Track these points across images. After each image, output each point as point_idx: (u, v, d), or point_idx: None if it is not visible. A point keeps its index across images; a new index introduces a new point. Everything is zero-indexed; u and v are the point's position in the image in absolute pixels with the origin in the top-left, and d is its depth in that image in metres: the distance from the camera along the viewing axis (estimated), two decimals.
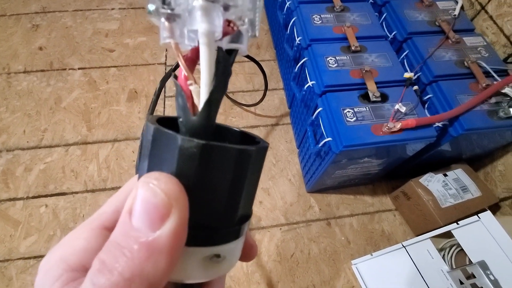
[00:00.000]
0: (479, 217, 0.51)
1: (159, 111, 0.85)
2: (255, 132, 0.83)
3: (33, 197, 0.69)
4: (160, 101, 0.87)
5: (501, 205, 0.67)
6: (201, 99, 0.12)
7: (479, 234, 0.51)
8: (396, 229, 0.70)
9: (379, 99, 0.53)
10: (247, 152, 0.11)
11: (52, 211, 0.69)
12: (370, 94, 0.53)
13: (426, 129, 0.51)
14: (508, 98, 0.56)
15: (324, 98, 0.54)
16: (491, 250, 0.50)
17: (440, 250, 0.66)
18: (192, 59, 0.13)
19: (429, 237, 0.56)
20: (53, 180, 0.72)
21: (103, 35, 0.98)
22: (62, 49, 0.95)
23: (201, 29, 0.11)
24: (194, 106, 0.12)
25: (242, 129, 0.16)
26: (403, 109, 0.50)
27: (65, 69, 0.90)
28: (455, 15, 0.68)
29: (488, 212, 0.51)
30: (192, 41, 0.12)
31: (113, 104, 0.84)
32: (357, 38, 0.62)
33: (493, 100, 0.57)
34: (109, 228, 0.12)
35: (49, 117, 0.81)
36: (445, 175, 0.65)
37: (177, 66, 0.37)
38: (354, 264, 0.64)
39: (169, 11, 0.11)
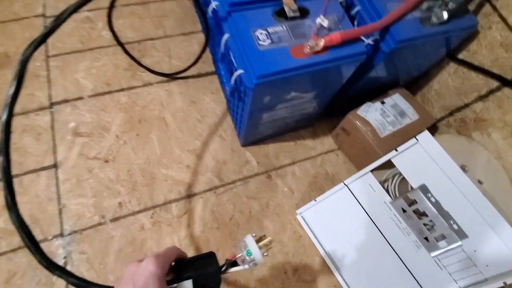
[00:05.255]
0: (417, 139, 0.47)
1: (41, 76, 0.65)
2: (172, 85, 0.69)
3: None
4: (42, 63, 0.67)
5: (439, 125, 0.65)
6: None
7: (418, 158, 0.47)
8: (340, 168, 0.65)
9: (298, 14, 0.42)
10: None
11: None
12: (287, 9, 0.42)
13: (355, 45, 0.43)
14: (440, 1, 0.49)
15: (230, 21, 0.42)
16: (431, 172, 0.46)
17: (383, 182, 0.63)
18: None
19: (370, 171, 0.51)
20: None
21: None
22: None
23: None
24: None
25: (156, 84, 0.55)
26: (325, 23, 0.40)
27: None
28: None
29: (426, 132, 0.46)
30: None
31: None
32: None
33: (424, 5, 0.49)
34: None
35: None
36: (383, 102, 0.60)
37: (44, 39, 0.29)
38: (299, 214, 0.59)
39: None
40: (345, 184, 0.54)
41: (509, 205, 0.50)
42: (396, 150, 0.48)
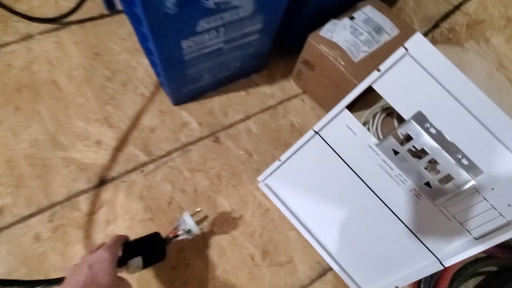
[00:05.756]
0: (406, 48, 0.33)
1: None
2: (63, 34, 0.49)
3: None
4: None
5: None
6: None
7: (409, 75, 0.34)
8: (308, 117, 0.51)
9: None
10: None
11: None
12: None
13: None
14: None
15: None
16: (428, 92, 0.33)
17: (363, 125, 0.50)
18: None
19: (345, 107, 0.37)
20: None
21: None
22: None
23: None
24: None
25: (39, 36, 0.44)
26: None
27: None
28: None
29: (417, 35, 0.32)
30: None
31: None
32: None
33: None
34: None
35: None
36: (352, 18, 0.45)
37: None
38: (262, 181, 0.44)
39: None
40: (315, 131, 0.39)
41: None
42: (379, 70, 0.34)
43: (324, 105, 0.52)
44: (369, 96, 0.53)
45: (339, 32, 0.43)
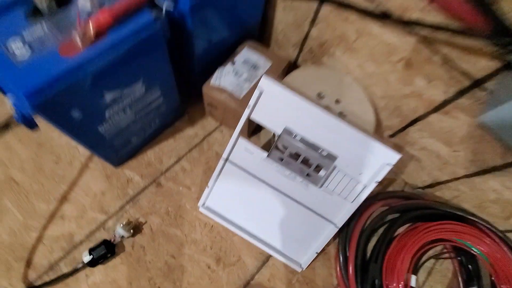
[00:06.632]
0: (260, 89, 0.46)
1: None
2: (7, 136, 0.58)
3: None
4: None
5: (299, 63, 0.66)
6: None
7: (270, 105, 0.46)
8: None
9: (55, 6, 0.35)
10: None
11: None
12: (39, 4, 0.35)
13: (140, 17, 0.38)
14: None
15: None
16: (286, 112, 0.46)
17: (274, 138, 0.63)
18: None
19: (238, 135, 0.50)
20: None
21: None
22: None
23: None
24: None
25: None
26: (89, 5, 0.35)
27: None
28: None
29: (264, 78, 0.45)
30: None
31: None
32: None
33: None
34: None
35: None
36: (233, 62, 0.57)
37: None
38: (201, 206, 0.56)
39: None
40: (225, 158, 0.52)
41: (367, 113, 0.53)
42: (249, 106, 0.47)
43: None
44: None
45: (224, 78, 0.55)
